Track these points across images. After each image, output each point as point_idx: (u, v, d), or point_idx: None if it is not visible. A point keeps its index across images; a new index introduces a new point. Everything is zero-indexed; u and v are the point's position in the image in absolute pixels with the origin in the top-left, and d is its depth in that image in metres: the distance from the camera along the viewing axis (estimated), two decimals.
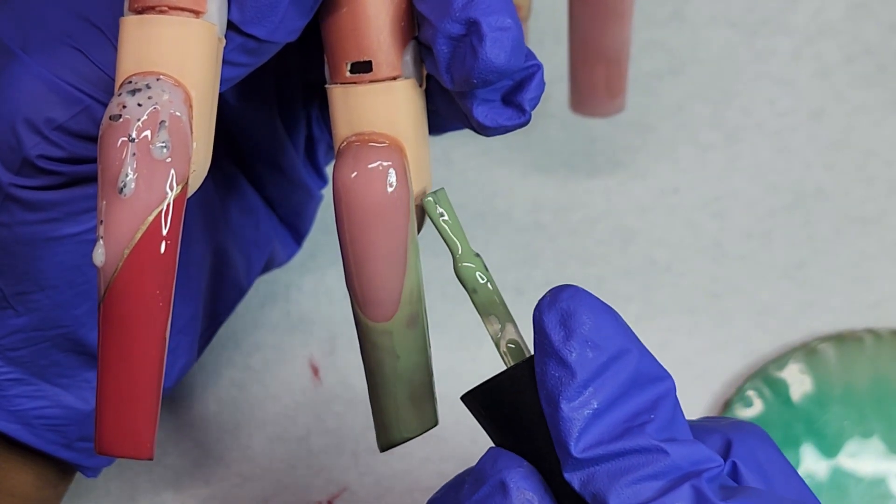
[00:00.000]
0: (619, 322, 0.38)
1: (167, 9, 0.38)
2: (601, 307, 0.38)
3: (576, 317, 0.38)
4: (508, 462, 0.38)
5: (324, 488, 0.56)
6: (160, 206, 0.37)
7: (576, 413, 0.37)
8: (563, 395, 0.37)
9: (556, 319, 0.38)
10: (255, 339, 0.58)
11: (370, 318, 0.42)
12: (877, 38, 0.61)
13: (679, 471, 0.37)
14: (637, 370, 0.38)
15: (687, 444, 0.38)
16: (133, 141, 0.37)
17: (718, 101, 0.61)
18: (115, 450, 0.37)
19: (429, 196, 0.41)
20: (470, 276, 0.42)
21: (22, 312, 0.44)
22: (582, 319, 0.38)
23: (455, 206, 0.59)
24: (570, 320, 0.38)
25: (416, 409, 0.43)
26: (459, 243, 0.42)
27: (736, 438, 0.40)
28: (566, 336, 0.38)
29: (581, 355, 0.37)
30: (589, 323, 0.38)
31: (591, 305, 0.38)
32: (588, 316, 0.38)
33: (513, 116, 0.41)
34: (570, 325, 0.38)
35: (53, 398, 0.46)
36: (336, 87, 0.41)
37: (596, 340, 0.38)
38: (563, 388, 0.37)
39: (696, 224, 0.59)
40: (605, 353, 0.38)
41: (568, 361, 0.37)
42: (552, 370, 0.38)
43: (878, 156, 0.60)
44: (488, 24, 0.39)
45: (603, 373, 0.38)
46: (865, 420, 0.55)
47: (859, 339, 0.56)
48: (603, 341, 0.38)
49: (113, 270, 0.37)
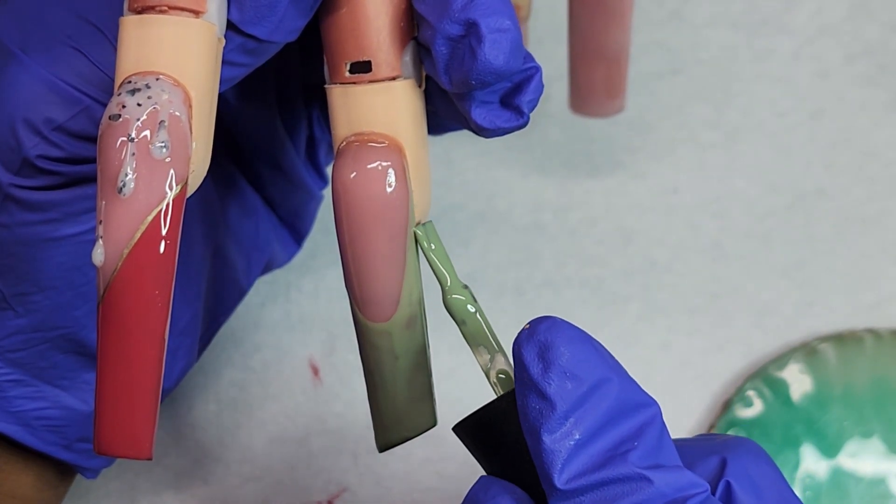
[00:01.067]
0: (599, 351, 0.39)
1: (167, 9, 0.38)
2: (579, 337, 0.38)
3: (553, 349, 0.38)
4: (501, 490, 0.38)
5: (324, 488, 0.56)
6: (159, 206, 0.37)
7: (558, 444, 0.37)
8: (544, 427, 0.37)
9: (534, 352, 0.38)
10: (255, 339, 0.58)
11: (369, 318, 0.42)
12: (877, 38, 0.61)
13: (663, 498, 0.37)
14: (619, 398, 0.38)
15: (672, 470, 0.38)
16: (132, 141, 0.37)
17: (718, 101, 0.61)
18: (114, 450, 0.37)
19: (417, 229, 0.42)
20: (459, 308, 0.42)
21: (22, 313, 0.44)
22: (560, 351, 0.38)
23: (455, 207, 0.60)
24: (548, 352, 0.38)
25: (415, 409, 0.43)
26: (448, 275, 0.42)
27: (730, 457, 0.40)
28: (544, 368, 0.38)
29: (560, 387, 0.38)
30: (567, 354, 0.38)
31: (569, 336, 0.38)
32: (566, 347, 0.38)
33: (511, 118, 0.41)
34: (547, 357, 0.38)
35: (53, 399, 0.46)
36: (335, 88, 0.41)
37: (575, 371, 0.38)
38: (545, 421, 0.37)
39: (696, 224, 0.59)
40: (584, 384, 0.38)
41: (547, 393, 0.37)
42: (532, 403, 0.38)
43: (878, 156, 0.60)
44: (487, 26, 0.39)
45: (583, 403, 0.38)
46: (865, 420, 0.55)
47: (859, 339, 0.56)
48: (582, 372, 0.38)
49: (112, 270, 0.37)
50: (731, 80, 0.61)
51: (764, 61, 0.61)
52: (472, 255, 0.59)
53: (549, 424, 0.37)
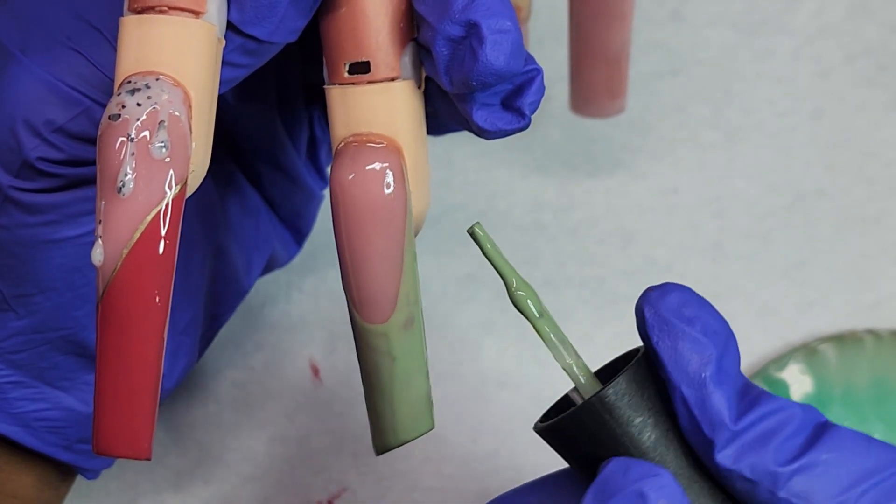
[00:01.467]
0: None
1: (167, 9, 0.38)
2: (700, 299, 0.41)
3: (691, 301, 0.40)
4: (645, 471, 0.38)
5: (324, 488, 0.56)
6: (159, 206, 0.37)
7: (723, 390, 0.39)
8: (709, 375, 0.39)
9: (675, 305, 0.40)
10: (255, 339, 0.58)
11: (366, 319, 0.41)
12: (877, 38, 0.61)
13: (802, 412, 0.39)
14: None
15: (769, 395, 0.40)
16: (132, 140, 0.37)
17: (718, 101, 0.61)
18: (113, 450, 0.37)
19: (475, 227, 0.41)
20: (527, 305, 0.42)
21: (22, 315, 0.44)
22: (696, 300, 0.40)
23: (455, 207, 0.60)
24: (687, 307, 0.40)
25: (413, 412, 0.43)
26: (513, 273, 0.42)
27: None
28: (691, 319, 0.40)
29: (711, 336, 0.40)
30: (704, 303, 0.40)
31: (693, 292, 0.41)
32: (698, 298, 0.40)
33: (512, 121, 0.41)
34: (690, 309, 0.40)
35: (54, 400, 0.46)
36: (334, 88, 0.41)
37: (713, 322, 0.40)
38: (707, 367, 0.39)
39: (696, 224, 0.59)
40: (723, 329, 0.40)
41: (703, 340, 0.39)
42: (689, 353, 0.39)
43: (878, 156, 0.60)
44: (488, 27, 0.39)
45: (726, 347, 0.40)
46: (865, 420, 0.55)
47: (859, 339, 0.56)
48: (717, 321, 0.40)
49: (111, 270, 0.37)
50: (731, 80, 0.61)
51: (764, 61, 0.61)
52: (473, 255, 0.59)
53: (711, 370, 0.39)
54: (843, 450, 0.39)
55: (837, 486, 0.39)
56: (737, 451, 0.39)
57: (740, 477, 0.39)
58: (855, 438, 0.39)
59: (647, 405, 0.40)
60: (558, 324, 0.41)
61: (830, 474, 0.39)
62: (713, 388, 0.39)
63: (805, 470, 0.39)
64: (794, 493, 0.39)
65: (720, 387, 0.39)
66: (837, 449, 0.39)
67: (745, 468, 0.39)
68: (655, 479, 0.38)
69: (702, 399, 0.39)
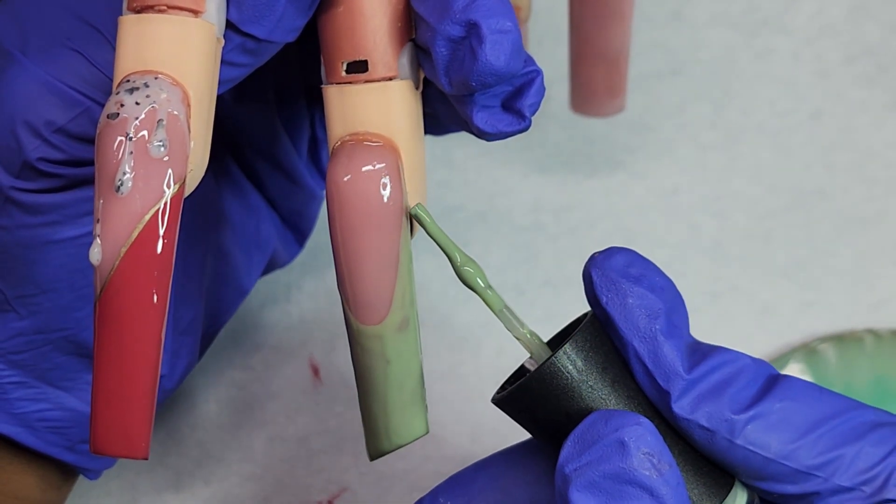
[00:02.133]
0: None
1: (166, 8, 0.38)
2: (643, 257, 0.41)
3: (636, 261, 0.41)
4: (625, 420, 0.38)
5: (324, 488, 0.56)
6: (157, 205, 0.37)
7: (674, 342, 0.40)
8: (660, 328, 0.40)
9: (621, 265, 0.40)
10: (255, 339, 0.58)
11: (361, 320, 0.41)
12: (877, 39, 0.61)
13: (754, 364, 0.40)
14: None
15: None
16: (130, 139, 0.37)
17: (718, 101, 0.61)
18: (110, 449, 0.37)
19: (417, 206, 0.41)
20: (475, 279, 0.42)
21: (24, 315, 0.44)
22: (640, 260, 0.41)
23: (455, 207, 0.60)
24: (632, 267, 0.40)
25: (407, 416, 0.43)
26: (457, 251, 0.42)
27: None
28: (637, 277, 0.40)
29: (658, 292, 0.40)
30: (649, 263, 0.41)
31: (637, 253, 0.41)
32: (642, 258, 0.41)
33: (513, 122, 0.41)
34: (636, 268, 0.40)
35: (56, 401, 0.46)
36: (332, 87, 0.41)
37: (659, 279, 0.41)
38: (656, 321, 0.40)
39: (696, 224, 0.59)
40: (670, 286, 0.41)
41: (650, 296, 0.40)
42: (637, 309, 0.40)
43: (878, 156, 0.60)
44: (488, 27, 0.39)
45: (673, 303, 0.40)
46: None
47: (859, 339, 0.56)
48: (663, 278, 0.41)
49: (109, 269, 0.37)
50: (731, 80, 0.61)
51: (764, 61, 0.61)
52: (472, 254, 0.59)
53: (661, 323, 0.40)
54: (796, 398, 0.40)
55: (792, 432, 0.39)
56: (693, 401, 0.39)
57: (698, 426, 0.39)
58: (807, 388, 0.40)
59: (602, 364, 0.40)
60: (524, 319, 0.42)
61: (785, 421, 0.39)
62: (664, 340, 0.40)
63: (760, 417, 0.39)
64: (751, 441, 0.39)
65: (671, 339, 0.40)
66: (790, 398, 0.40)
67: (701, 417, 0.39)
68: (635, 428, 0.38)
69: (654, 352, 0.40)
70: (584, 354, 0.40)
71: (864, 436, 0.40)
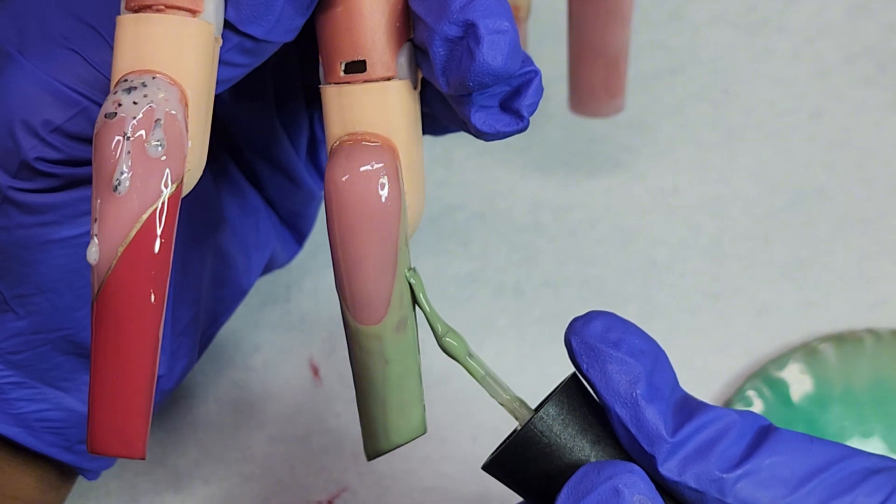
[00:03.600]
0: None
1: (164, 7, 0.38)
2: (624, 319, 0.41)
3: (615, 325, 0.40)
4: (618, 468, 0.39)
5: (324, 488, 0.56)
6: (155, 205, 0.37)
7: (656, 405, 0.39)
8: (641, 393, 0.39)
9: (599, 331, 0.40)
10: (255, 339, 0.58)
11: (359, 320, 0.41)
12: (877, 38, 0.61)
13: (743, 418, 0.40)
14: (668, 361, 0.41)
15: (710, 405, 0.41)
16: (128, 139, 0.37)
17: (718, 101, 0.61)
18: (107, 449, 0.37)
19: (406, 273, 0.41)
20: (459, 349, 0.42)
21: (22, 315, 0.44)
22: (620, 324, 0.41)
23: (455, 207, 0.60)
24: (611, 332, 0.40)
25: (405, 415, 0.43)
26: (439, 321, 0.42)
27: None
28: (616, 342, 0.40)
29: (638, 356, 0.40)
30: (629, 326, 0.41)
31: (617, 317, 0.41)
32: (622, 321, 0.41)
33: (511, 123, 0.41)
34: (615, 333, 0.40)
35: (54, 401, 0.46)
36: (330, 87, 0.41)
37: (639, 342, 0.40)
38: (637, 385, 0.39)
39: (696, 224, 0.59)
40: (651, 348, 0.40)
41: (630, 361, 0.40)
42: (617, 375, 0.40)
43: (878, 156, 0.60)
44: (485, 27, 0.39)
45: (655, 365, 0.40)
46: (865, 420, 0.55)
47: (859, 339, 0.56)
48: (644, 341, 0.40)
49: (107, 269, 0.37)
50: (731, 80, 0.61)
51: (764, 61, 0.61)
52: (472, 255, 0.59)
53: (642, 388, 0.39)
54: (786, 452, 0.40)
55: (784, 487, 0.39)
56: (679, 463, 0.39)
57: (686, 487, 0.39)
58: (797, 440, 0.40)
59: (581, 425, 0.40)
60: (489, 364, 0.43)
61: (775, 477, 0.39)
62: (646, 405, 0.40)
63: (750, 475, 0.39)
64: (741, 499, 0.39)
65: (652, 403, 0.40)
66: (780, 451, 0.39)
67: (689, 479, 0.39)
68: (628, 476, 0.38)
69: (636, 417, 0.39)
70: (561, 418, 0.40)
71: (858, 485, 0.39)
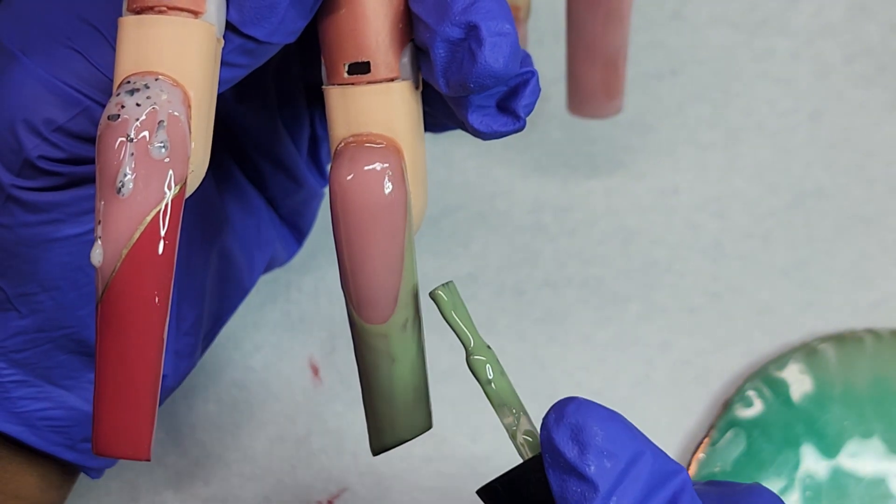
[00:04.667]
0: (629, 426, 0.39)
1: (166, 9, 0.38)
2: (609, 414, 0.39)
3: (587, 429, 0.38)
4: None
5: (324, 488, 0.56)
6: (158, 206, 0.37)
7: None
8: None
9: (567, 435, 0.38)
10: (255, 339, 0.58)
11: (366, 320, 0.41)
12: (877, 38, 0.61)
13: None
14: (653, 470, 0.39)
15: None
16: (131, 141, 0.37)
17: (718, 101, 0.61)
18: (112, 450, 0.37)
19: (439, 289, 0.41)
20: (482, 369, 0.42)
21: (25, 314, 0.44)
22: (594, 431, 0.38)
23: (455, 207, 0.60)
24: (582, 434, 0.38)
25: (412, 412, 0.43)
26: (472, 336, 0.42)
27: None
28: (581, 450, 0.38)
29: (599, 467, 0.38)
30: (601, 433, 0.38)
31: (600, 415, 0.39)
32: (599, 426, 0.38)
33: (508, 123, 0.41)
34: (582, 438, 0.38)
35: (57, 400, 0.46)
36: (333, 88, 0.41)
37: (611, 449, 0.38)
38: (588, 503, 0.38)
39: (696, 224, 0.59)
40: (621, 461, 0.38)
41: (588, 475, 0.38)
42: (573, 486, 0.38)
43: (878, 156, 0.60)
44: (488, 29, 0.39)
45: (623, 480, 0.38)
46: (865, 420, 0.55)
47: (859, 339, 0.56)
48: (617, 449, 0.38)
49: (111, 271, 0.37)
50: (731, 80, 0.61)
51: (764, 61, 0.61)
52: (472, 255, 0.59)
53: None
54: None
55: None
56: None
57: None
58: None
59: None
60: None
61: None
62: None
63: None
64: None
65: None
66: None
67: None
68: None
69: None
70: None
71: None
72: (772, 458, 0.54)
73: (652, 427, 0.57)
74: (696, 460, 0.55)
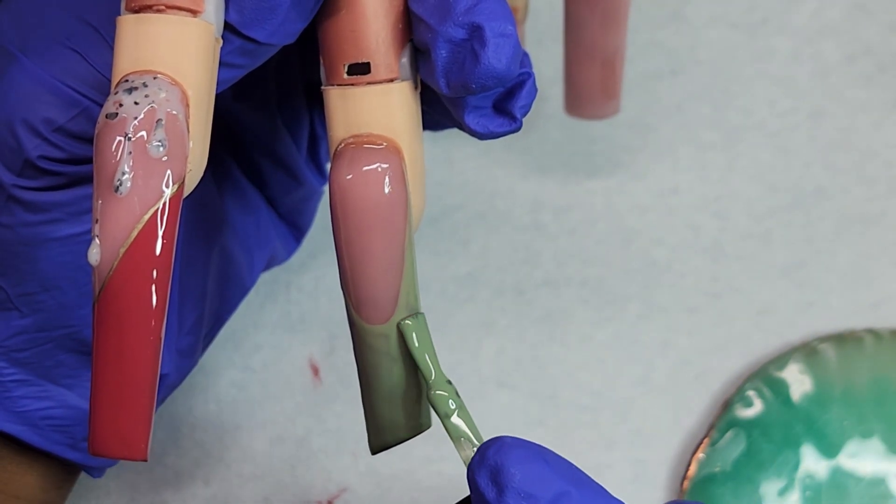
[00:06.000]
0: (553, 465, 0.39)
1: (164, 8, 0.38)
2: (529, 455, 0.39)
3: (504, 471, 0.39)
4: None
5: (324, 488, 0.56)
6: (156, 205, 0.37)
7: None
8: None
9: (486, 477, 0.39)
10: (255, 339, 0.58)
11: (366, 320, 0.41)
12: (877, 38, 0.61)
13: None
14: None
15: None
16: (129, 139, 0.37)
17: (718, 101, 0.61)
18: (109, 450, 0.37)
19: (407, 320, 0.41)
20: (443, 403, 0.42)
21: (26, 313, 0.44)
22: (510, 472, 0.38)
23: (454, 207, 0.60)
24: (500, 476, 0.39)
25: (412, 411, 0.43)
26: (433, 370, 0.42)
27: None
28: (499, 492, 0.38)
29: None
30: (518, 475, 0.38)
31: (518, 456, 0.39)
32: (516, 468, 0.39)
33: (504, 124, 0.41)
34: (500, 480, 0.38)
35: (59, 399, 0.46)
36: (333, 89, 0.41)
37: (529, 490, 0.38)
38: None
39: (696, 224, 0.59)
40: (540, 501, 0.38)
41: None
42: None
43: (878, 156, 0.60)
44: (491, 30, 0.39)
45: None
46: (865, 420, 0.55)
47: (859, 339, 0.56)
48: (537, 490, 0.38)
49: (108, 270, 0.37)
50: (731, 80, 0.61)
51: (764, 61, 0.61)
52: (472, 255, 0.59)
53: None
54: None
55: None
56: None
57: None
58: None
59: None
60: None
61: None
62: None
63: None
64: None
65: None
66: None
67: None
68: None
69: None
70: None
71: None
72: (772, 458, 0.54)
73: (652, 427, 0.57)
74: (696, 460, 0.55)
